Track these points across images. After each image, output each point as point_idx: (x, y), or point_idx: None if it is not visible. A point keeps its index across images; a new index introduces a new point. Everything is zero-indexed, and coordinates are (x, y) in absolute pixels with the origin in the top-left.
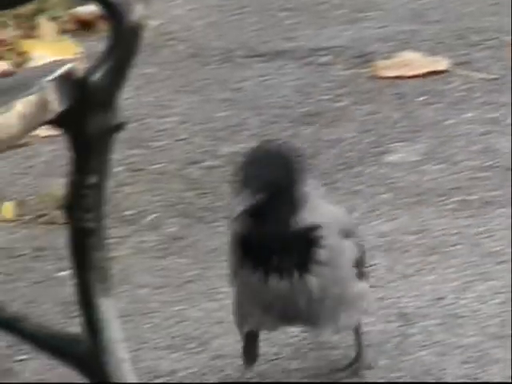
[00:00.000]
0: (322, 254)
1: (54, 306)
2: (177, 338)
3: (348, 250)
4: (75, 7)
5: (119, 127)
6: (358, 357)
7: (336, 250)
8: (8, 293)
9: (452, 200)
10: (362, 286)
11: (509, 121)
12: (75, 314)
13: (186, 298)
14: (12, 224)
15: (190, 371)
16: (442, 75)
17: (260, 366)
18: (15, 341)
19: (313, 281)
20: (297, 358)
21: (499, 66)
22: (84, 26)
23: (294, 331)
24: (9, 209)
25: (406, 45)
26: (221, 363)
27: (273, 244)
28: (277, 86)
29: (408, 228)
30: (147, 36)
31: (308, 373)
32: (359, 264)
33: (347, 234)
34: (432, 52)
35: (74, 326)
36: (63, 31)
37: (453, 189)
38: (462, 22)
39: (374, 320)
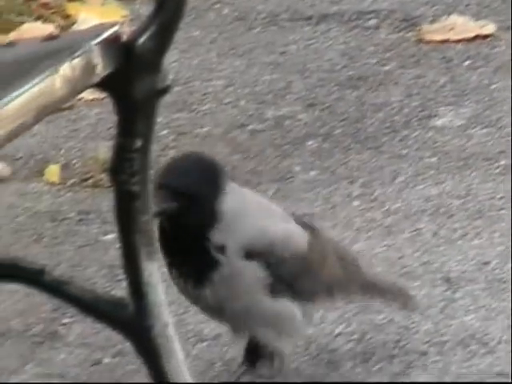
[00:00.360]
0: (216, 274)
1: (99, 270)
2: None
3: (251, 272)
4: None
5: (164, 90)
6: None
7: (235, 272)
8: (53, 256)
9: (498, 164)
10: (280, 305)
11: None
12: (120, 277)
13: None
14: (57, 187)
15: None
16: (488, 39)
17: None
18: (60, 304)
19: (207, 294)
20: (342, 322)
21: None
22: None
23: None
24: (54, 172)
25: (452, 9)
26: None
27: (179, 252)
28: (322, 49)
29: (454, 192)
30: None
31: (353, 336)
32: (279, 282)
33: (256, 254)
34: (478, 16)
35: (119, 289)
36: None
37: (499, 153)
38: None
39: (419, 284)
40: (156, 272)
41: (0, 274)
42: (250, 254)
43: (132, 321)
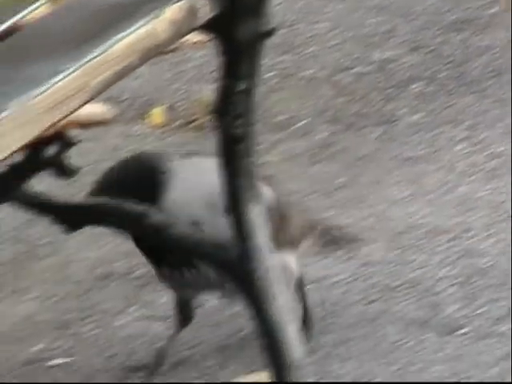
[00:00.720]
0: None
1: None
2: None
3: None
4: None
5: (269, 33)
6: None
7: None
8: None
9: None
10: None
11: None
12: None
13: (335, 205)
14: (161, 130)
15: (339, 278)
16: None
17: (409, 274)
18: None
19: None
20: (445, 266)
21: None
22: None
23: (442, 239)
24: (158, 114)
25: None
26: (369, 270)
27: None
28: None
29: None
30: None
31: (457, 280)
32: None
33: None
34: None
35: None
36: None
37: None
38: None
39: None
40: (260, 215)
41: (104, 217)
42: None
43: (235, 263)
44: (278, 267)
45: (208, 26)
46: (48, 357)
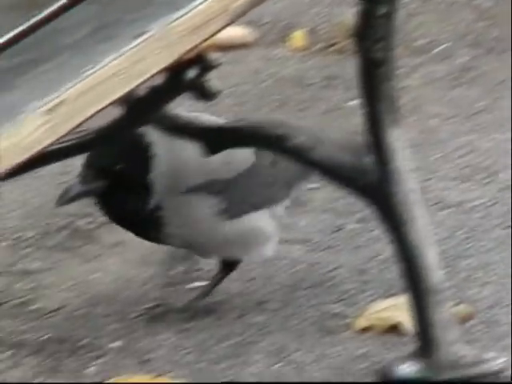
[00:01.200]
0: (168, 228)
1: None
2: (465, 169)
3: (200, 207)
4: None
5: None
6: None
7: (186, 215)
8: (299, 121)
9: None
10: (242, 224)
11: None
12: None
13: (476, 129)
14: (302, 53)
15: (478, 202)
16: None
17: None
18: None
19: (171, 241)
20: None
21: None
22: None
23: None
24: (299, 38)
25: None
26: (509, 194)
27: (124, 223)
28: None
29: None
30: None
31: None
32: (233, 204)
33: (196, 188)
34: None
35: None
36: None
37: None
38: None
39: None
40: (400, 138)
41: (244, 140)
42: (191, 189)
43: (376, 187)
44: (418, 190)
45: None
46: (188, 279)
